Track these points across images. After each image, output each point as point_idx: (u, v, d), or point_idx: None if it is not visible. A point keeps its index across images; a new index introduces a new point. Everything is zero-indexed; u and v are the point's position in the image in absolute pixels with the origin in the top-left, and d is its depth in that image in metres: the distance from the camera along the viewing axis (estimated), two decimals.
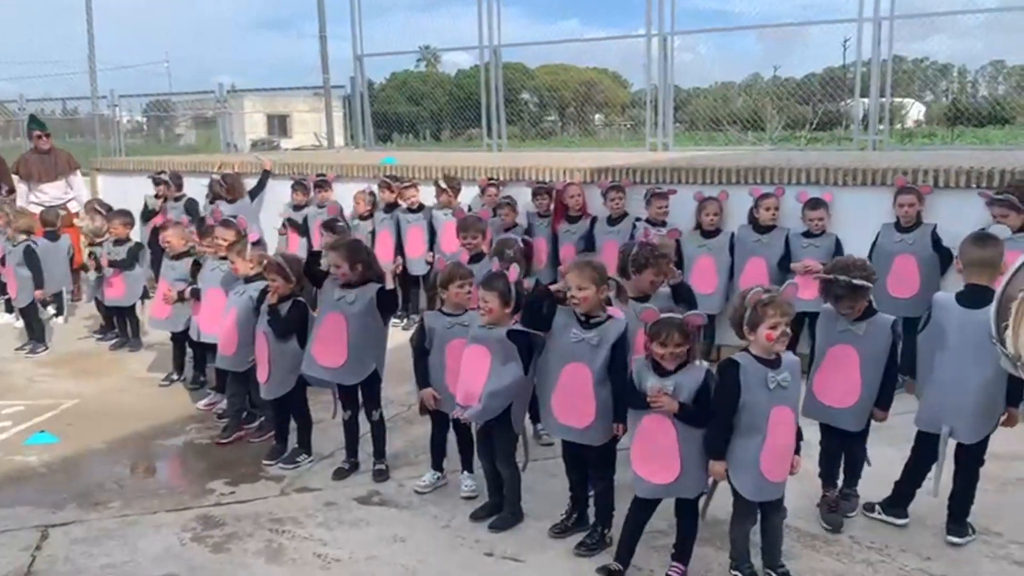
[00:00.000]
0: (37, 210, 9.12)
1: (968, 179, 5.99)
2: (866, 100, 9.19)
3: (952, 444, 4.04)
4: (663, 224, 6.64)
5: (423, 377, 4.57)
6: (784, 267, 6.34)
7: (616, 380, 3.87)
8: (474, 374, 4.21)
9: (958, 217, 5.90)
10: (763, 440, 3.53)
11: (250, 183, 9.13)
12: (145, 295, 7.56)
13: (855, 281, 3.93)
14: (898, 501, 4.23)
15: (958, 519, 4.06)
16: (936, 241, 5.95)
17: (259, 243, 5.94)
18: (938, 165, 6.17)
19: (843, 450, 4.27)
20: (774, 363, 3.57)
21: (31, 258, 7.59)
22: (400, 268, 4.76)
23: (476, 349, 4.24)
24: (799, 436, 3.69)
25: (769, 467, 3.57)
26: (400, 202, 8.12)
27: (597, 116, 20.53)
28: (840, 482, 4.34)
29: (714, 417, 3.61)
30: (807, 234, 6.32)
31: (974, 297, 3.88)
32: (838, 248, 6.21)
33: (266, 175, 9.20)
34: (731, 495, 3.68)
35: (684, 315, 3.67)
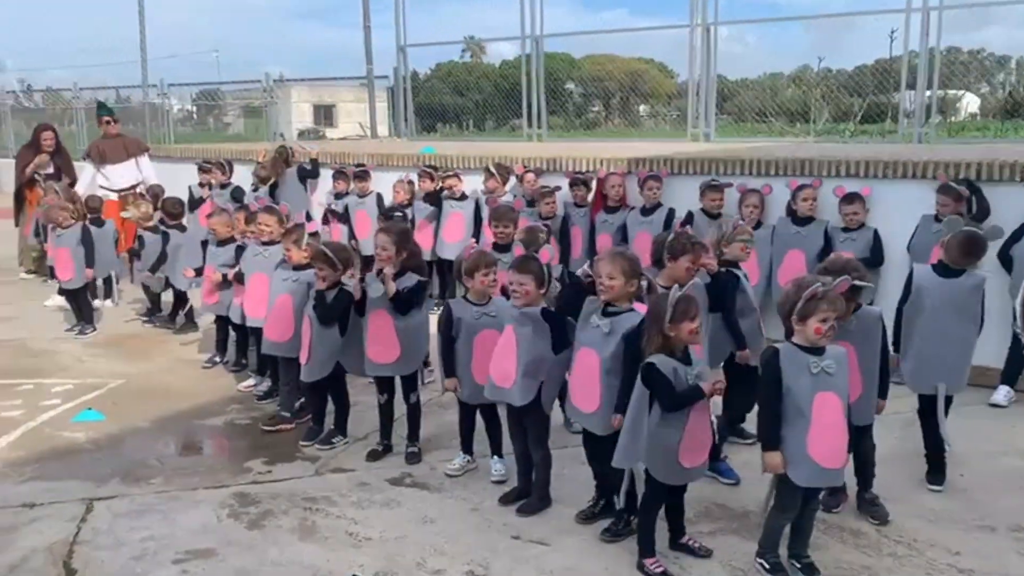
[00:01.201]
0: (107, 194, 9.42)
1: (1012, 173, 5.88)
2: (913, 92, 9.04)
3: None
4: (718, 216, 6.63)
5: (449, 365, 4.63)
6: (823, 260, 6.27)
7: (624, 372, 3.88)
8: (505, 353, 4.27)
9: (1001, 210, 5.81)
10: (808, 425, 3.53)
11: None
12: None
13: (856, 283, 3.82)
14: (934, 468, 4.58)
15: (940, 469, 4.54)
16: None
17: (316, 235, 6.01)
18: (981, 158, 6.07)
19: (853, 450, 4.04)
20: (818, 351, 3.57)
21: (87, 238, 7.83)
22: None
23: (507, 330, 4.29)
24: (849, 432, 3.67)
25: (820, 453, 3.55)
26: (444, 189, 8.18)
27: (642, 107, 20.40)
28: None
29: (761, 408, 3.66)
30: (845, 228, 6.27)
31: (947, 269, 4.54)
32: (876, 241, 6.15)
33: (315, 163, 9.30)
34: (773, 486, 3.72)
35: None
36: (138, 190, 9.58)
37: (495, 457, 4.78)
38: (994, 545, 3.97)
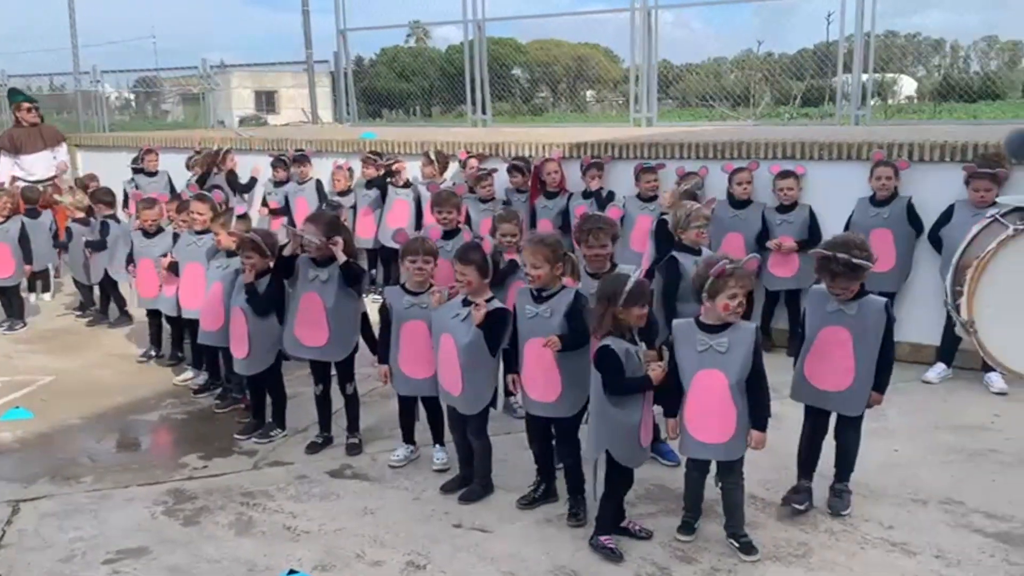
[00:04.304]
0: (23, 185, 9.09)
1: (943, 153, 5.99)
2: (849, 76, 9.16)
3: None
4: (653, 199, 6.62)
5: (383, 352, 4.60)
6: (761, 242, 6.35)
7: (572, 348, 3.88)
8: (448, 364, 4.24)
9: (933, 190, 5.93)
10: (686, 400, 3.71)
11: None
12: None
13: (855, 260, 3.73)
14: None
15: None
16: (912, 214, 5.96)
17: (244, 217, 5.91)
18: (913, 139, 6.16)
19: (836, 439, 4.11)
20: (716, 328, 3.64)
21: (26, 233, 7.61)
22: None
23: (447, 339, 4.23)
24: (765, 411, 3.71)
25: (694, 427, 3.72)
26: (390, 176, 8.04)
27: (589, 92, 20.40)
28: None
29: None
30: (781, 208, 6.34)
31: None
32: (812, 220, 6.23)
33: (253, 181, 9.02)
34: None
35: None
36: (57, 182, 9.29)
37: (437, 446, 4.74)
38: (925, 518, 4.05)
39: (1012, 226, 3.14)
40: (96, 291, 7.87)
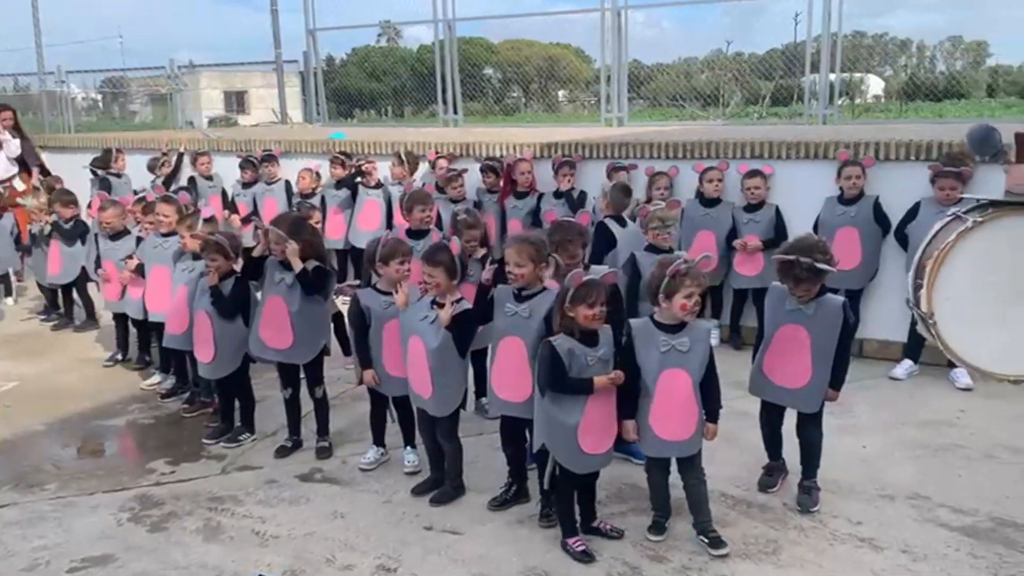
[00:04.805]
0: None
1: (908, 152, 6.06)
2: (817, 76, 9.24)
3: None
4: None
5: (364, 357, 4.53)
6: (731, 241, 6.39)
7: None
8: (418, 366, 4.21)
9: (899, 188, 5.99)
10: (651, 400, 3.70)
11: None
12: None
13: (818, 265, 3.77)
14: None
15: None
16: (878, 212, 6.02)
17: (211, 220, 5.84)
18: (880, 138, 6.23)
19: (798, 437, 4.15)
20: (675, 328, 3.67)
21: None
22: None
23: (416, 341, 4.20)
24: (717, 404, 3.75)
25: (660, 426, 3.71)
26: (360, 176, 7.99)
27: (561, 92, 20.42)
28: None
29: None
30: (748, 208, 6.38)
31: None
32: (779, 219, 6.28)
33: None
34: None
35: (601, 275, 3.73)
36: (14, 183, 9.13)
37: (408, 448, 4.71)
38: (893, 513, 4.09)
39: (971, 218, 3.20)
40: (60, 294, 7.74)
